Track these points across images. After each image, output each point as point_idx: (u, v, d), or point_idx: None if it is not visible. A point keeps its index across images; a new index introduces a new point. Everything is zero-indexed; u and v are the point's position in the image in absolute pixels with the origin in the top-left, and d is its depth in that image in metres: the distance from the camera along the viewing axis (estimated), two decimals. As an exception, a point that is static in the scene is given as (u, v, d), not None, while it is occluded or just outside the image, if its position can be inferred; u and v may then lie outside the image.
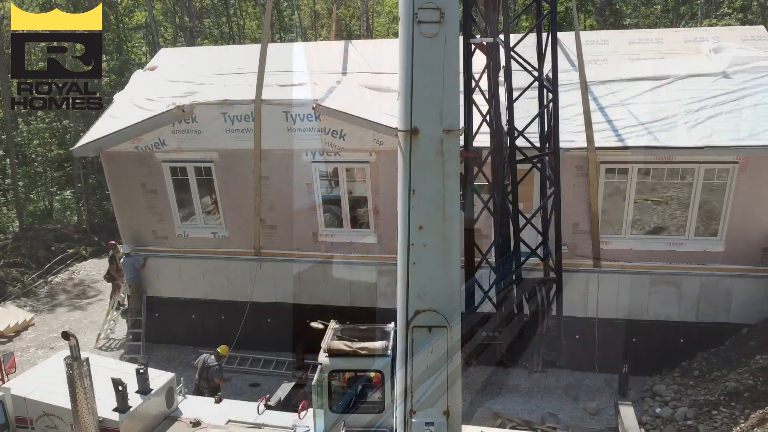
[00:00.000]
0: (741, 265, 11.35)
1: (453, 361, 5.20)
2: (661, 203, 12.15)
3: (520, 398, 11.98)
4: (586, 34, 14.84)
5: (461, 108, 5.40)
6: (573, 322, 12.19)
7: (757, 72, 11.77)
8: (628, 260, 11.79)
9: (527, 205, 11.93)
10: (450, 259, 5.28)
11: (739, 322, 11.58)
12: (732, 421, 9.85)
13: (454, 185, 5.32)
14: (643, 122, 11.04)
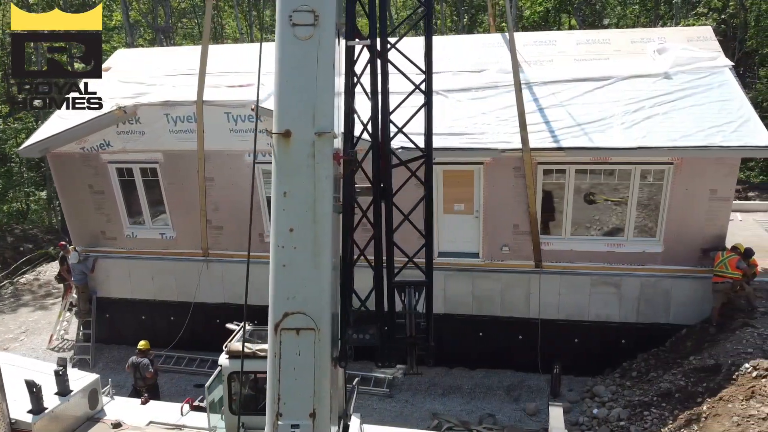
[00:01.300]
0: (680, 266, 11.35)
1: (321, 363, 5.20)
2: (621, 204, 12.15)
3: (462, 399, 12.00)
4: (536, 35, 14.86)
5: (340, 111, 5.38)
6: (515, 323, 12.27)
7: (698, 73, 11.79)
8: (570, 261, 11.79)
9: (468, 206, 12.01)
10: (320, 261, 5.29)
11: (678, 322, 11.59)
12: (661, 422, 9.87)
13: (325, 188, 5.33)
14: (580, 123, 11.04)
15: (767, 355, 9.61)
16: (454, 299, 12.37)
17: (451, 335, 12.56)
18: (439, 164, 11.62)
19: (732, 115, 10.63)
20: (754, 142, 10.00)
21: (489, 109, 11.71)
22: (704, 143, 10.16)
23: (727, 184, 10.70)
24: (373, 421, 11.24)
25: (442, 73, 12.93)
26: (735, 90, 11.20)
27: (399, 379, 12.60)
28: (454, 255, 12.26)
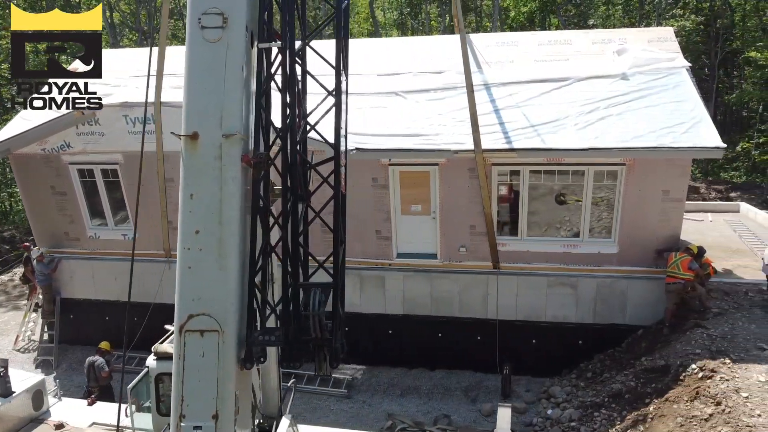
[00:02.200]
0: (635, 266, 11.36)
1: (224, 364, 5.21)
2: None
3: (420, 399, 12.02)
4: (499, 36, 14.88)
5: (251, 113, 5.40)
6: (474, 324, 12.28)
7: (655, 74, 11.80)
8: (526, 262, 11.80)
9: (425, 207, 12.02)
10: (226, 263, 5.30)
11: (634, 323, 11.60)
12: (610, 423, 9.88)
13: (232, 190, 5.34)
14: (535, 124, 11.05)
15: (714, 356, 9.61)
16: (413, 300, 12.38)
17: (411, 336, 12.60)
18: (396, 165, 11.66)
19: (684, 116, 10.65)
20: (703, 143, 10.02)
21: (446, 110, 11.72)
22: (654, 144, 10.17)
23: (680, 185, 10.71)
24: (329, 422, 11.31)
25: (403, 74, 12.98)
26: (690, 91, 11.21)
27: (358, 380, 12.62)
28: (412, 256, 12.28)
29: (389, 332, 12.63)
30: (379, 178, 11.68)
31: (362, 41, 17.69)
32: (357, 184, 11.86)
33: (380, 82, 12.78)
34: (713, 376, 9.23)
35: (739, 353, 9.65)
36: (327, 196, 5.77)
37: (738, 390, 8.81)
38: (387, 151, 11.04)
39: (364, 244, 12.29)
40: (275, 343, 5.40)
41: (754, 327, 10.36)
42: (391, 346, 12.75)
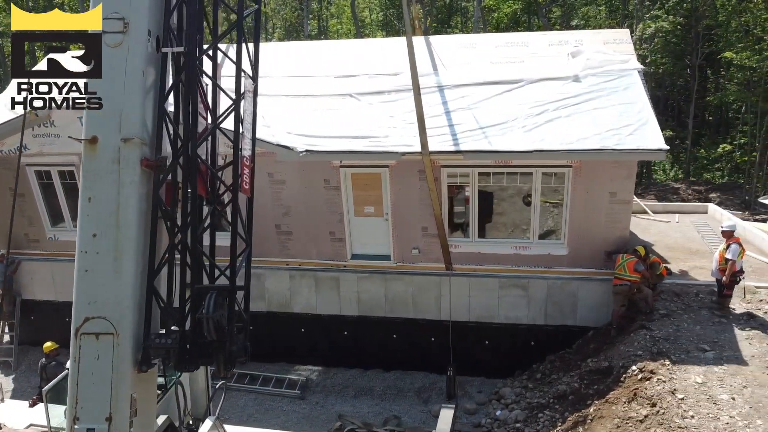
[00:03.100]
0: (585, 268, 11.40)
1: (119, 367, 5.25)
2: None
3: (373, 400, 12.06)
4: (458, 38, 14.93)
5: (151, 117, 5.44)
6: (427, 325, 12.31)
7: (607, 75, 11.84)
8: (478, 263, 11.84)
9: (378, 209, 12.06)
10: (122, 266, 5.34)
11: (585, 324, 11.64)
12: (552, 424, 9.91)
13: (130, 193, 5.38)
14: (483, 126, 11.09)
15: (655, 357, 9.65)
16: (368, 301, 12.41)
17: (366, 337, 12.64)
18: (347, 167, 11.69)
19: (631, 118, 10.68)
20: (646, 146, 10.05)
21: (398, 112, 11.76)
22: (598, 146, 10.21)
23: (626, 187, 10.74)
24: (279, 423, 11.37)
25: (359, 77, 13.01)
26: (639, 93, 11.25)
27: (313, 381, 12.66)
28: (367, 257, 12.32)
29: (345, 333, 12.67)
30: (331, 179, 11.71)
31: (324, 43, 17.71)
32: (310, 186, 11.93)
33: (336, 84, 12.82)
34: (651, 377, 9.28)
35: (679, 355, 9.70)
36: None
37: (674, 391, 8.84)
38: (335, 153, 11.07)
39: (319, 245, 12.33)
40: (171, 345, 5.43)
41: (699, 328, 10.40)
42: (347, 347, 12.79)
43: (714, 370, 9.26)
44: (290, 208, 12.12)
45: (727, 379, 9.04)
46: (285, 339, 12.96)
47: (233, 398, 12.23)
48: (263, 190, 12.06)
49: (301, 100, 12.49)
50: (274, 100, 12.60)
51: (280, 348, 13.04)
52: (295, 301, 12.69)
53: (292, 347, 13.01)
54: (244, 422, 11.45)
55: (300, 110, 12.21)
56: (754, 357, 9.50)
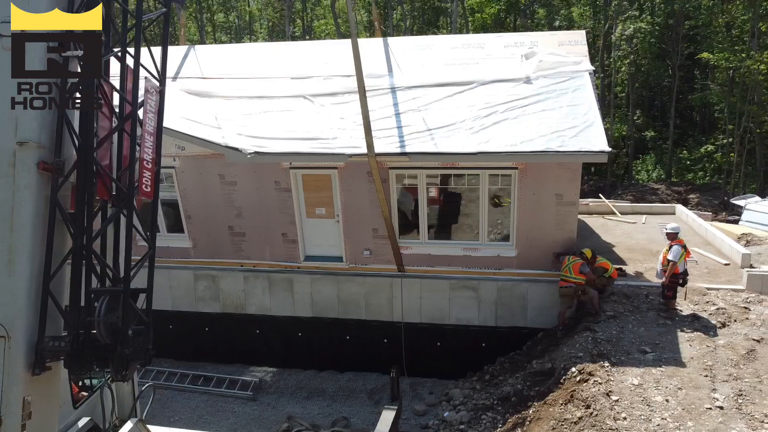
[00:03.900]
0: (534, 269, 11.41)
1: (11, 370, 5.25)
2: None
3: (324, 402, 12.06)
4: (417, 39, 14.96)
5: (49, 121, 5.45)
6: (380, 327, 12.33)
7: (558, 77, 11.86)
8: (429, 265, 11.85)
9: (329, 210, 12.07)
10: (15, 269, 5.34)
11: (536, 326, 11.64)
12: (493, 426, 9.92)
13: (25, 197, 5.38)
14: (431, 128, 11.10)
15: (595, 359, 9.66)
16: (321, 303, 12.42)
17: (320, 339, 12.65)
18: (297, 169, 11.70)
19: (577, 120, 10.70)
20: (589, 147, 10.06)
21: (348, 114, 11.77)
22: (541, 148, 10.22)
23: (572, 189, 10.76)
24: (228, 424, 11.38)
25: (314, 78, 13.03)
26: (587, 94, 11.26)
27: (267, 382, 12.67)
28: (320, 259, 12.34)
29: (299, 335, 12.69)
30: (281, 181, 11.73)
31: (282, 44, 17.72)
32: (261, 188, 11.95)
33: (291, 86, 12.84)
34: (589, 379, 9.29)
35: (620, 356, 9.71)
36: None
37: (609, 393, 8.87)
38: (283, 154, 11.09)
39: (272, 246, 12.35)
40: (65, 349, 5.43)
41: (643, 330, 10.42)
42: (301, 349, 12.80)
43: (652, 372, 9.28)
44: (242, 210, 12.14)
45: (664, 380, 9.06)
46: (240, 340, 12.98)
47: (186, 400, 12.25)
48: (215, 191, 12.09)
49: (255, 102, 12.51)
50: (227, 102, 12.63)
51: (235, 349, 13.06)
52: (250, 303, 12.70)
53: (247, 348, 13.03)
54: (194, 423, 11.48)
55: (253, 112, 12.23)
56: (693, 359, 9.52)
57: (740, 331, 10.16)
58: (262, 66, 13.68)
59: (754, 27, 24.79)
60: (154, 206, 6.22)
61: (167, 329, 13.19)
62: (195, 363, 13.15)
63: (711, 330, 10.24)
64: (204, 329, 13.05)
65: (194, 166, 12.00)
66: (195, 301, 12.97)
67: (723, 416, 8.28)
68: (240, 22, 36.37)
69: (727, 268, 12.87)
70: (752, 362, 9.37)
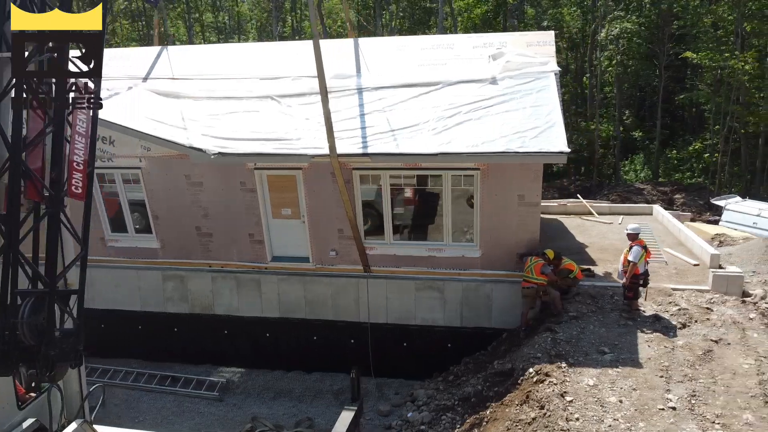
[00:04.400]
0: (499, 270, 11.42)
1: None
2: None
3: (290, 402, 12.09)
4: (388, 40, 14.95)
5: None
6: (347, 327, 12.34)
7: (524, 78, 11.87)
8: (395, 265, 11.86)
9: (294, 211, 12.08)
10: None
11: (500, 326, 11.65)
12: (452, 426, 9.94)
13: None
14: (395, 129, 11.11)
15: (553, 360, 9.66)
16: (289, 303, 12.43)
17: (288, 339, 12.66)
18: (262, 169, 11.71)
19: (539, 120, 10.70)
20: (548, 148, 10.07)
21: (314, 115, 11.76)
22: (501, 149, 10.23)
23: (534, 190, 10.77)
24: (193, 425, 11.42)
25: (283, 79, 13.03)
26: (551, 95, 11.27)
27: (234, 382, 12.68)
28: (287, 259, 12.35)
29: (267, 335, 12.70)
30: (247, 181, 11.74)
31: (254, 45, 17.72)
32: (227, 188, 11.96)
33: (260, 86, 12.85)
34: (545, 379, 9.30)
35: (578, 357, 9.72)
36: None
37: (564, 394, 8.87)
38: (246, 155, 11.10)
39: (239, 247, 12.36)
40: (-5, 349, 5.43)
41: (604, 331, 10.42)
42: (269, 349, 12.81)
43: (608, 373, 9.29)
44: (209, 210, 12.15)
45: (619, 381, 9.07)
46: (208, 341, 12.99)
47: (153, 400, 12.27)
48: (181, 192, 12.10)
49: (223, 102, 12.52)
50: (196, 102, 12.65)
51: (203, 350, 13.08)
52: (218, 303, 12.72)
53: (215, 349, 13.04)
54: (159, 423, 11.50)
55: (220, 112, 12.24)
56: (650, 359, 9.53)
57: (700, 331, 10.16)
58: (233, 66, 13.69)
59: (738, 27, 24.78)
60: (87, 207, 6.20)
61: (136, 330, 13.22)
62: (164, 363, 13.16)
63: (671, 331, 10.25)
64: (173, 330, 13.06)
65: (160, 166, 12.01)
66: (163, 302, 12.98)
67: (675, 417, 8.29)
68: (231, 22, 36.36)
69: (696, 268, 12.86)
70: (708, 363, 9.37)
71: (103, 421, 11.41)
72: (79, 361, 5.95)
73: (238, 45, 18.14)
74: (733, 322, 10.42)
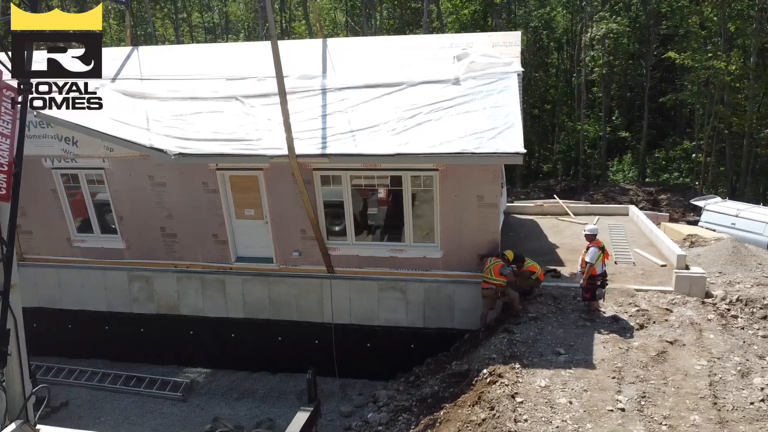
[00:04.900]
0: (460, 271, 11.41)
1: None
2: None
3: (253, 403, 12.09)
4: (356, 40, 14.94)
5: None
6: (311, 328, 12.34)
7: (486, 78, 11.85)
8: (358, 266, 11.85)
9: (257, 212, 12.08)
10: None
11: (462, 327, 11.64)
12: (407, 427, 9.92)
13: None
14: (354, 129, 11.10)
15: (507, 360, 9.66)
16: (253, 304, 12.44)
17: (253, 340, 12.66)
18: (224, 170, 11.72)
19: (498, 121, 10.69)
20: (504, 149, 10.05)
21: (276, 115, 11.71)
22: (457, 150, 10.21)
23: (492, 191, 10.76)
24: (154, 425, 11.42)
25: (249, 79, 13.02)
26: (512, 96, 11.25)
27: (199, 383, 12.68)
28: (251, 260, 12.35)
29: (232, 336, 12.70)
30: (209, 182, 11.74)
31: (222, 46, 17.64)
32: (190, 189, 11.96)
33: (226, 87, 12.84)
34: (498, 381, 9.29)
35: (532, 358, 9.71)
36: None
37: (514, 395, 8.87)
38: (206, 156, 11.09)
39: (204, 247, 12.36)
40: None
41: (561, 332, 10.42)
42: (234, 350, 12.81)
43: (561, 374, 9.28)
44: (173, 211, 12.16)
45: (571, 382, 9.07)
46: (174, 341, 13.00)
47: (116, 400, 12.28)
48: (145, 192, 12.10)
49: (189, 103, 12.52)
50: (162, 103, 12.64)
51: (170, 350, 13.08)
52: (183, 304, 12.72)
53: (181, 349, 13.04)
54: (120, 424, 11.51)
55: (184, 113, 12.23)
56: (604, 360, 9.52)
57: (656, 332, 10.16)
58: (201, 67, 13.68)
59: (721, 28, 24.75)
60: (13, 208, 6.20)
61: (103, 330, 13.23)
62: (130, 364, 13.16)
63: (628, 332, 10.24)
64: (139, 330, 13.06)
65: (124, 167, 12.02)
66: (130, 302, 12.99)
67: (623, 418, 8.28)
68: (222, 22, 36.41)
69: (663, 269, 12.85)
70: (661, 364, 9.36)
71: (65, 422, 11.51)
72: (4, 362, 5.93)
73: (208, 45, 18.15)
74: (691, 323, 10.42)
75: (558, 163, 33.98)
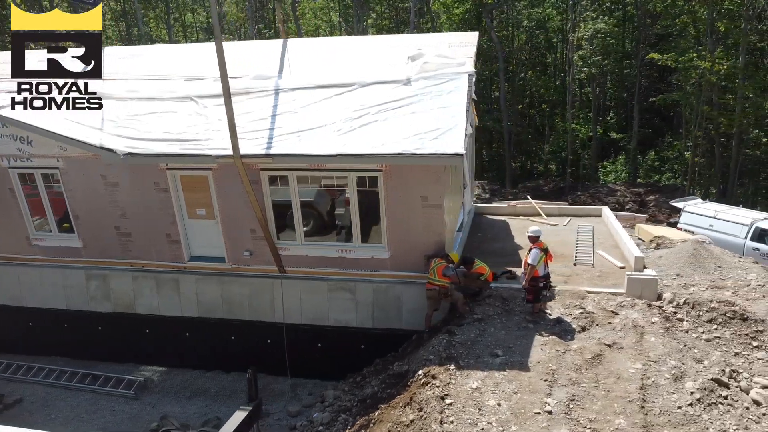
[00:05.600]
0: (408, 271, 11.39)
1: None
2: None
3: (204, 402, 12.17)
4: (317, 41, 14.95)
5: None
6: (263, 327, 12.38)
7: (438, 79, 11.80)
8: (308, 266, 11.88)
9: (209, 211, 12.14)
10: None
11: (410, 328, 11.62)
12: (344, 427, 9.92)
13: None
14: (301, 130, 11.12)
15: (443, 362, 9.61)
16: (207, 303, 12.51)
17: (207, 339, 12.73)
18: (174, 170, 11.79)
19: (442, 122, 10.65)
20: (444, 150, 10.02)
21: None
22: (398, 150, 10.20)
23: (436, 191, 10.72)
24: (103, 423, 11.56)
25: (206, 79, 13.07)
26: (459, 97, 11.20)
27: (154, 381, 12.77)
28: (204, 259, 12.42)
29: (186, 335, 12.77)
30: (160, 182, 11.82)
31: (184, 46, 17.78)
32: (142, 188, 12.05)
33: (183, 87, 12.91)
34: (430, 382, 9.26)
35: (469, 360, 9.67)
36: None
37: (444, 397, 8.84)
38: (155, 156, 11.17)
39: (158, 247, 12.45)
40: None
41: (503, 333, 10.36)
42: (189, 349, 12.89)
43: (494, 376, 9.24)
44: (126, 210, 12.25)
45: (503, 384, 9.02)
46: (131, 340, 13.10)
47: (70, 398, 12.40)
48: (99, 192, 12.21)
49: (144, 103, 12.60)
50: (119, 103, 12.73)
51: (127, 348, 13.19)
52: (139, 303, 12.83)
53: (138, 348, 13.15)
54: (70, 421, 11.63)
55: (139, 113, 12.31)
56: (539, 363, 9.45)
57: (596, 335, 10.07)
58: (162, 67, 13.76)
59: (708, 28, 24.44)
60: None
61: (62, 328, 13.37)
62: (89, 362, 13.29)
63: (569, 334, 10.16)
64: (97, 328, 13.19)
65: (77, 166, 12.14)
66: (88, 301, 13.11)
67: (549, 421, 8.23)
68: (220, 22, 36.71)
69: (621, 271, 12.74)
70: (596, 367, 9.28)
71: (17, 419, 11.65)
72: None
73: (171, 45, 18.29)
74: (633, 326, 10.31)
75: (550, 163, 33.77)
